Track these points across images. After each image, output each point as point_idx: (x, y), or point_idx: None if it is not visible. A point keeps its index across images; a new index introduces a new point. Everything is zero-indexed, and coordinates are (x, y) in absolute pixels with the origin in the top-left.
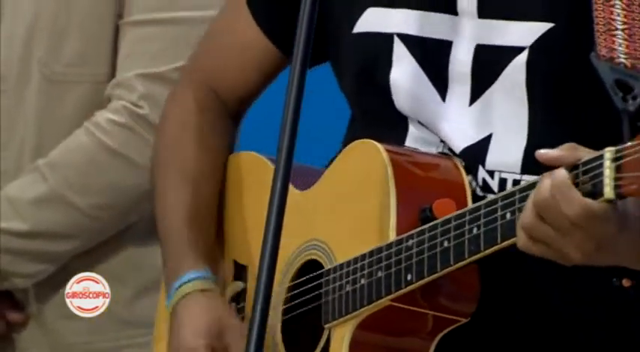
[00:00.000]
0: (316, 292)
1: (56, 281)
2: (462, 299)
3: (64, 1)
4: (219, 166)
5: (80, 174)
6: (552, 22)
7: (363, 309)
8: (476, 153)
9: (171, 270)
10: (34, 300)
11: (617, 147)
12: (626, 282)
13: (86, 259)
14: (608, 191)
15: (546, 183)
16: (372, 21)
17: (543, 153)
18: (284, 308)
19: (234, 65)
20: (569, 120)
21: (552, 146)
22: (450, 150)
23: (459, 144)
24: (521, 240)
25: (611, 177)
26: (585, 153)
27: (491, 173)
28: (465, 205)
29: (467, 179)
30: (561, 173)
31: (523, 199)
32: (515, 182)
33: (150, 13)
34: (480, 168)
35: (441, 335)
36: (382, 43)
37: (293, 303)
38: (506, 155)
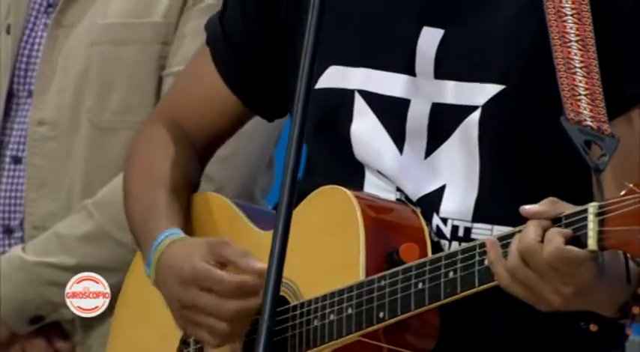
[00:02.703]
0: (282, 326)
1: (101, 313)
2: (422, 337)
3: (112, 55)
4: (186, 196)
5: (124, 212)
6: (504, 84)
7: (331, 343)
8: (431, 202)
9: (145, 242)
10: (80, 330)
11: (600, 203)
12: (593, 327)
13: None
14: (592, 243)
15: (531, 229)
16: (334, 78)
17: (527, 208)
18: (246, 340)
19: (199, 112)
20: (518, 175)
21: (502, 198)
22: (407, 198)
23: (416, 193)
24: (504, 280)
25: (595, 230)
26: (566, 207)
27: (444, 220)
28: (425, 248)
29: (426, 225)
30: (545, 223)
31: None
32: (467, 229)
33: None
34: (435, 215)
35: None
36: (343, 98)
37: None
38: (459, 204)
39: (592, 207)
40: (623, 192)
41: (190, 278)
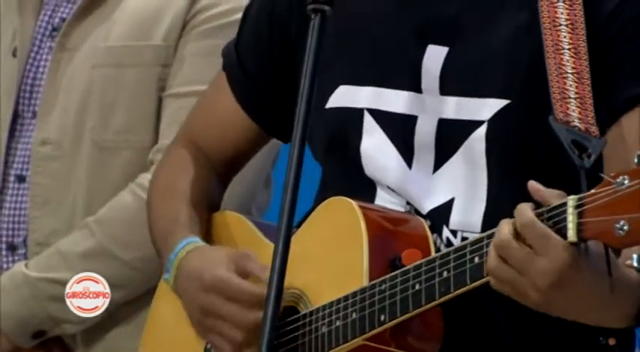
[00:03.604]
0: (292, 335)
1: (102, 327)
2: (427, 339)
3: (114, 77)
4: (207, 210)
5: (124, 229)
6: (508, 99)
7: (337, 348)
8: (440, 215)
9: (165, 250)
10: (81, 345)
11: (579, 196)
12: (611, 341)
13: (130, 307)
14: (572, 234)
15: (504, 227)
16: (344, 97)
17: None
18: None
19: (219, 135)
20: (524, 185)
21: (509, 208)
22: (417, 211)
23: (425, 206)
24: (492, 282)
25: (574, 222)
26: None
27: (454, 232)
28: (429, 254)
29: (430, 233)
30: (528, 211)
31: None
32: None
33: (188, 86)
34: (445, 227)
35: None
36: (353, 116)
37: None
38: (468, 216)
39: (571, 200)
40: (600, 185)
41: (213, 286)
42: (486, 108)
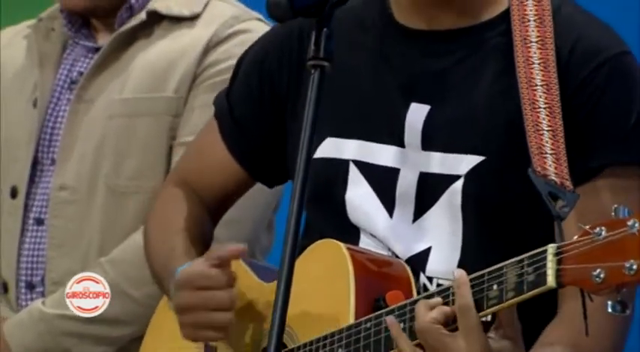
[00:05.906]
0: None
1: None
2: None
3: (127, 127)
4: (202, 243)
5: (135, 268)
6: (484, 155)
7: None
8: (418, 262)
9: (167, 276)
10: None
11: (558, 244)
12: None
13: (140, 343)
14: (551, 280)
15: (422, 309)
16: (330, 149)
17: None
18: None
19: (209, 179)
20: (499, 236)
21: (483, 258)
22: (397, 257)
23: (404, 253)
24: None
25: (553, 269)
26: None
27: (430, 279)
28: (411, 296)
29: (412, 276)
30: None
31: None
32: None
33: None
34: (422, 274)
35: None
36: (339, 167)
37: None
38: (443, 265)
39: (551, 248)
40: (578, 234)
41: (184, 283)
42: (464, 163)
